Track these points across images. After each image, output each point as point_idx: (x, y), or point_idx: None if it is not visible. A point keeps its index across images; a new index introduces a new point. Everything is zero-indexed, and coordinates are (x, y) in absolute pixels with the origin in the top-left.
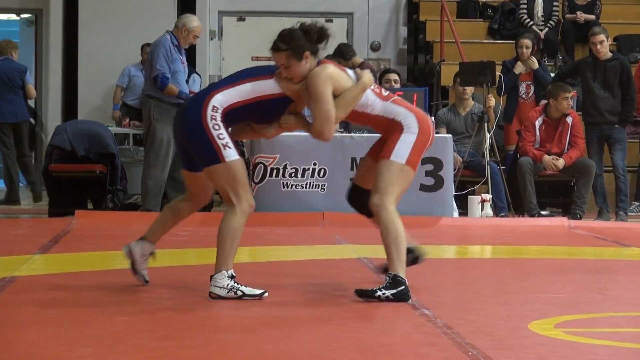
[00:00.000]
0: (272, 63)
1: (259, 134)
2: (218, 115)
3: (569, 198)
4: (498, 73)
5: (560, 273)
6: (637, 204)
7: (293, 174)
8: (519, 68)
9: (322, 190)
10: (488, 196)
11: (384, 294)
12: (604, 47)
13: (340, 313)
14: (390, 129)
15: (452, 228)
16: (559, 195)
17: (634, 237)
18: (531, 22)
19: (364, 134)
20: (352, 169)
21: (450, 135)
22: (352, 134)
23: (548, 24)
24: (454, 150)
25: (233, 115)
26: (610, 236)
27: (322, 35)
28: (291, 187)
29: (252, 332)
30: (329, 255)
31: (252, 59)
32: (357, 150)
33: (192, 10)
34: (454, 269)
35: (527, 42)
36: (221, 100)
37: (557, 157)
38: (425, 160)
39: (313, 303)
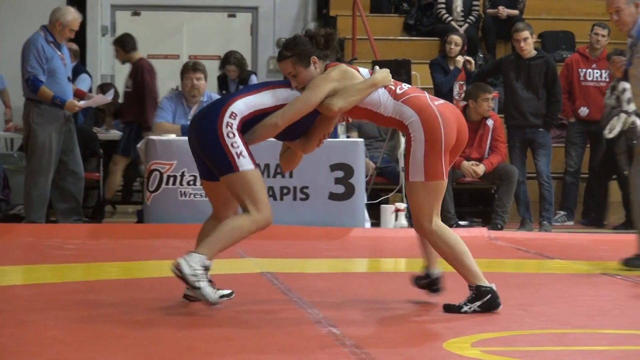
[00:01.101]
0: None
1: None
2: (235, 123)
3: (490, 207)
4: (414, 72)
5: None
6: (562, 213)
7: (191, 182)
8: (459, 63)
9: None
10: (402, 205)
11: (470, 307)
12: (528, 44)
13: (241, 332)
14: (405, 131)
15: (364, 240)
16: (479, 204)
17: (558, 249)
18: (450, 18)
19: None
20: None
21: (362, 140)
22: None
23: (468, 20)
24: (366, 156)
25: (253, 124)
26: (533, 248)
27: (329, 39)
28: (189, 196)
29: (144, 356)
30: (231, 269)
31: (147, 57)
32: (261, 156)
33: (83, 4)
34: (365, 283)
35: (456, 38)
36: (241, 107)
37: (477, 163)
38: (334, 167)
39: (213, 321)
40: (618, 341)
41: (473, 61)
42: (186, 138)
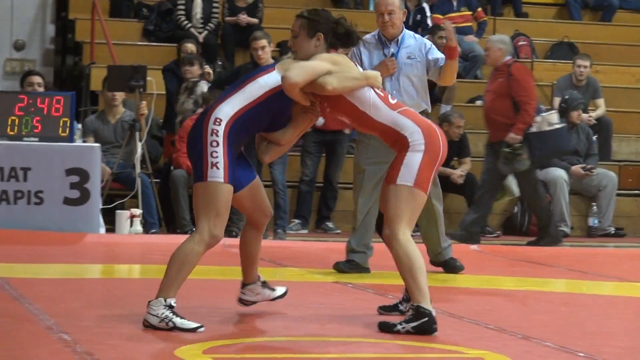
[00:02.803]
0: None
1: (277, 145)
2: (220, 130)
3: None
4: (150, 78)
5: (212, 295)
6: (297, 221)
7: None
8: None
9: None
10: (138, 211)
11: (403, 327)
12: (266, 52)
13: None
14: (397, 142)
15: (99, 245)
16: None
17: (292, 257)
18: (189, 24)
19: (3, 142)
20: None
21: (98, 145)
22: None
23: (207, 27)
24: (102, 161)
25: (245, 122)
26: (268, 256)
27: (347, 34)
28: None
29: None
30: None
31: None
32: None
33: None
34: (99, 290)
35: (191, 47)
36: (226, 110)
37: None
38: (70, 172)
39: None
40: (348, 349)
41: (211, 70)
42: None
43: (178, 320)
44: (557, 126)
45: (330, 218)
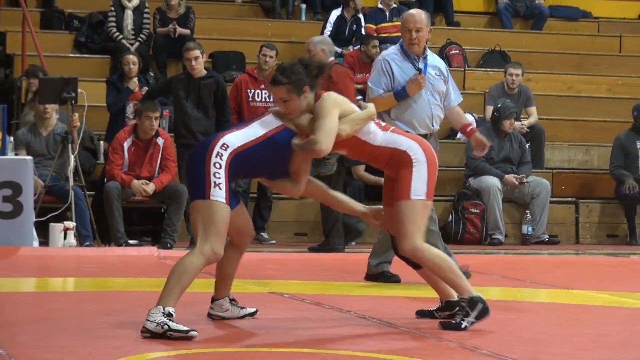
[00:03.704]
0: None
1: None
2: (225, 154)
3: (159, 226)
4: (81, 90)
5: (147, 307)
6: None
7: None
8: (133, 83)
9: None
10: (71, 224)
11: (468, 321)
12: (199, 63)
13: None
14: (394, 159)
15: (32, 259)
16: (149, 223)
17: None
18: (121, 36)
19: None
20: None
21: (30, 157)
22: None
23: (139, 38)
24: (35, 174)
25: (246, 157)
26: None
27: (321, 70)
28: None
29: None
30: None
31: None
32: None
33: None
34: (33, 303)
35: (132, 58)
36: (233, 140)
37: (147, 182)
38: (2, 185)
39: None
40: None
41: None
42: None
43: (172, 324)
44: None
45: (265, 228)
